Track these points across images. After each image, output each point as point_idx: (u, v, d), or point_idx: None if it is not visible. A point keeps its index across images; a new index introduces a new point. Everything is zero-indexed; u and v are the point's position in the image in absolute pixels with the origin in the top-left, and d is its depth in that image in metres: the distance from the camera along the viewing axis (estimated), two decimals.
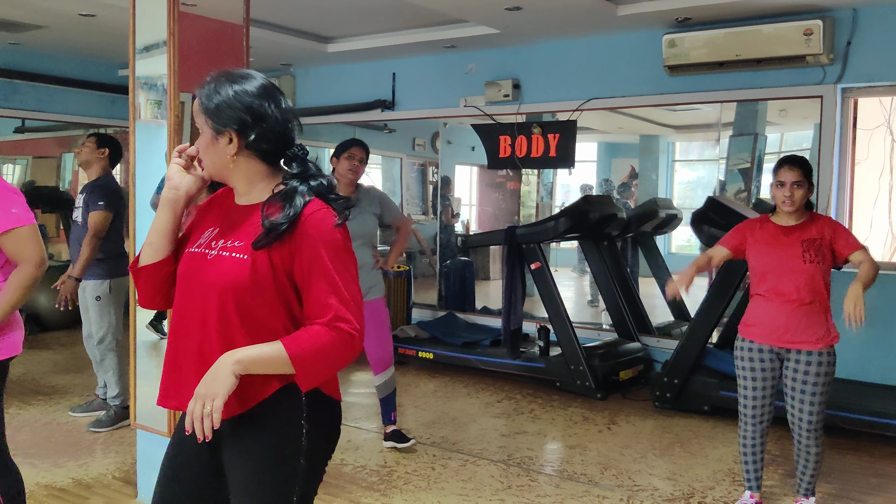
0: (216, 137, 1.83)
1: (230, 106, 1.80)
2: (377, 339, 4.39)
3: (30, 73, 7.75)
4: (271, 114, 1.82)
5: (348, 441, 4.64)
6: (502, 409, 5.35)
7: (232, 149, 1.82)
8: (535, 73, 6.58)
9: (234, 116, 1.80)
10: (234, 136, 1.81)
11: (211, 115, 1.82)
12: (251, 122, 1.80)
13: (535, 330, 6.12)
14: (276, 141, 1.84)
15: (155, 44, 3.60)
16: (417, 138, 10.51)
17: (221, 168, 1.86)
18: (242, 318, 1.79)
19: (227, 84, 1.82)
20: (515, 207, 9.42)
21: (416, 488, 3.93)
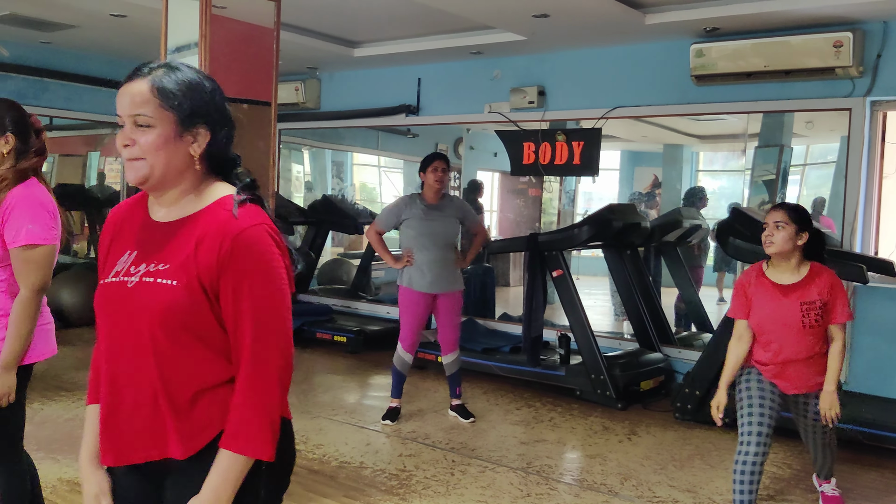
0: (181, 134, 1.60)
1: (205, 101, 1.62)
2: (450, 325, 5.15)
3: (59, 72, 7.84)
4: (230, 115, 1.68)
5: (367, 444, 4.65)
6: (521, 417, 5.34)
7: (197, 149, 1.62)
8: (561, 81, 6.58)
9: (208, 113, 1.62)
10: (205, 135, 1.62)
11: (179, 109, 1.58)
12: (223, 122, 1.64)
13: (555, 338, 6.11)
14: (230, 147, 1.69)
15: (186, 45, 3.64)
16: (440, 143, 10.53)
17: (173, 171, 1.62)
18: (182, 351, 1.59)
19: (197, 76, 1.63)
20: (537, 214, 9.41)
21: (434, 493, 3.93)
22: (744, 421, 3.37)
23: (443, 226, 5.03)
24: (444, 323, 5.14)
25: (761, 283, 3.45)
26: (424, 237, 5.01)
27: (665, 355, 6.05)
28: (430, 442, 4.73)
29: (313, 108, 8.12)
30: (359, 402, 5.77)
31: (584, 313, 5.71)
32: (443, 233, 5.03)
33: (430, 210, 5.03)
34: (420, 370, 6.49)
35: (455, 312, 5.15)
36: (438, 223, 5.02)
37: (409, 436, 4.85)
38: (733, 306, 3.54)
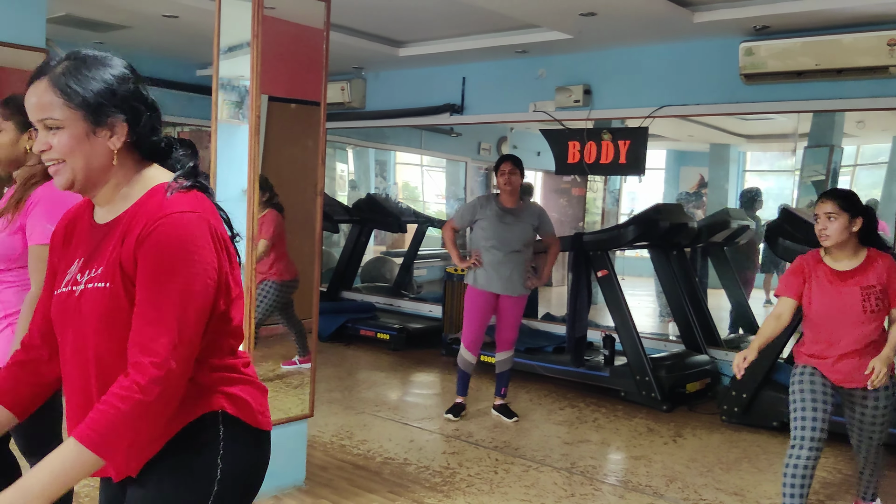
0: (94, 130, 1.48)
1: (114, 91, 1.49)
2: (509, 326, 5.15)
3: None
4: (151, 100, 1.57)
5: (411, 441, 4.68)
6: (565, 417, 5.33)
7: (116, 143, 1.51)
8: (607, 79, 6.54)
9: (121, 102, 1.50)
10: (123, 127, 1.51)
11: (84, 105, 1.47)
12: (140, 109, 1.52)
13: (599, 338, 6.08)
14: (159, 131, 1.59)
15: (238, 45, 3.68)
16: (483, 142, 10.54)
17: (98, 170, 1.52)
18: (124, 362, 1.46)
19: (97, 67, 1.50)
20: (580, 214, 9.37)
21: (478, 491, 3.94)
22: (796, 423, 3.30)
23: (516, 232, 5.00)
24: (503, 322, 5.14)
25: (820, 270, 3.36)
26: (495, 240, 5.00)
27: (711, 357, 5.98)
28: (474, 440, 4.74)
29: (358, 108, 8.18)
30: (402, 399, 5.81)
31: (630, 314, 5.68)
32: (514, 239, 4.99)
33: (505, 214, 5.01)
34: None
35: (516, 314, 5.13)
36: (511, 228, 5.00)
37: (453, 434, 4.86)
38: (784, 284, 3.43)
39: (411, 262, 8.82)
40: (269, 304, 4.91)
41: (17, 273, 2.61)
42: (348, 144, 10.43)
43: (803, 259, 3.44)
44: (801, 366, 3.43)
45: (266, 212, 4.58)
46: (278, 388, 4.03)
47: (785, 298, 3.41)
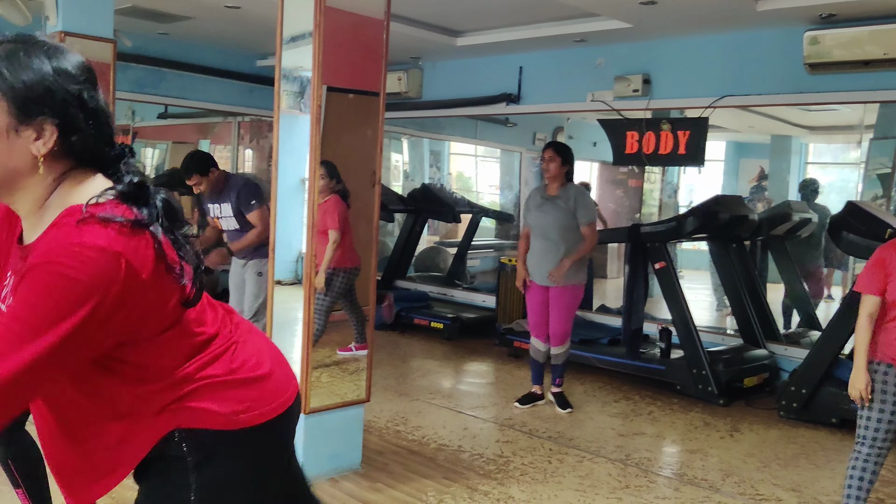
0: (17, 128, 1.27)
1: (51, 87, 1.27)
2: (557, 319, 5.06)
3: (175, 62, 8.18)
4: (101, 107, 1.35)
5: (465, 429, 4.71)
6: (620, 409, 5.30)
7: (41, 147, 1.29)
8: (667, 69, 6.45)
9: (56, 102, 1.28)
10: (52, 131, 1.29)
11: (12, 94, 1.26)
12: (82, 118, 1.31)
13: (655, 331, 6.02)
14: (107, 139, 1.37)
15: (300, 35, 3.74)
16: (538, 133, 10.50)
17: (12, 174, 1.30)
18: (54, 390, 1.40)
19: (40, 57, 1.28)
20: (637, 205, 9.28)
21: (532, 480, 3.95)
22: (863, 422, 3.18)
23: (550, 219, 4.96)
24: (551, 315, 5.08)
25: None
26: (536, 228, 5.04)
27: (770, 352, 5.88)
28: (527, 430, 4.75)
29: (415, 98, 8.21)
30: (455, 387, 5.84)
31: (687, 306, 5.61)
32: (551, 225, 4.95)
33: (546, 201, 5.02)
34: (516, 359, 6.52)
35: (564, 306, 5.04)
36: (548, 215, 4.98)
37: (506, 423, 4.88)
38: (867, 280, 3.18)
39: (465, 252, 8.85)
40: (335, 292, 4.92)
41: None
42: (403, 134, 10.49)
43: (885, 249, 3.22)
44: (877, 362, 3.21)
45: (329, 198, 4.63)
46: (335, 374, 4.08)
47: (870, 296, 3.18)
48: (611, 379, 5.98)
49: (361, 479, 3.83)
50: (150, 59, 7.97)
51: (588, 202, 5.07)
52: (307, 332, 3.66)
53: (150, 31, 7.60)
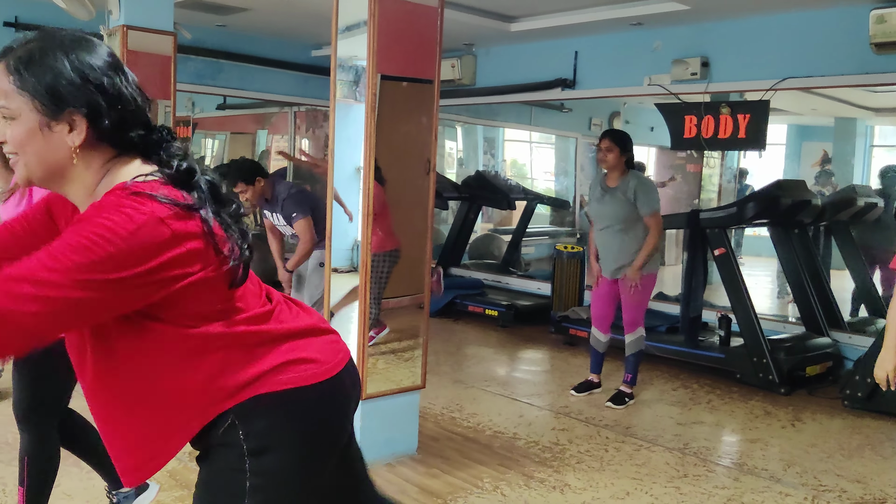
0: (49, 124, 1.33)
1: (72, 81, 1.31)
2: (628, 307, 4.94)
3: (233, 54, 8.31)
4: (128, 92, 1.37)
5: (520, 416, 4.71)
6: (678, 398, 5.24)
7: (76, 139, 1.34)
8: (726, 51, 6.31)
9: (82, 94, 1.32)
10: (81, 122, 1.33)
11: (38, 93, 1.31)
12: (104, 104, 1.34)
13: (715, 319, 5.92)
14: (140, 124, 1.40)
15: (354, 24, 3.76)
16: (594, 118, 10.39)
17: (55, 167, 1.36)
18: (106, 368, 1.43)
19: (61, 52, 1.32)
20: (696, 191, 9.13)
21: (588, 468, 3.94)
22: None
23: (612, 209, 4.82)
24: (623, 304, 4.96)
25: None
26: (597, 221, 4.96)
27: (834, 340, 5.73)
28: (584, 418, 4.73)
29: (469, 85, 8.20)
30: (510, 374, 5.83)
31: (747, 293, 5.50)
32: (612, 217, 4.83)
33: (605, 193, 4.90)
34: (571, 347, 6.48)
35: (634, 294, 4.89)
36: (608, 206, 4.85)
37: (562, 411, 4.86)
38: None
39: (520, 240, 8.82)
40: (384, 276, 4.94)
41: None
42: (457, 122, 10.49)
43: None
44: None
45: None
46: (390, 361, 4.12)
47: None
48: (669, 367, 5.91)
49: (417, 465, 3.87)
50: (209, 51, 8.10)
51: (649, 191, 4.85)
52: (363, 319, 3.70)
53: (208, 23, 7.73)
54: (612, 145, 4.83)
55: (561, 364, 6.07)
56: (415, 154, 3.96)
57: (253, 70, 8.57)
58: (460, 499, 3.51)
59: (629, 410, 4.91)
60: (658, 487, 3.73)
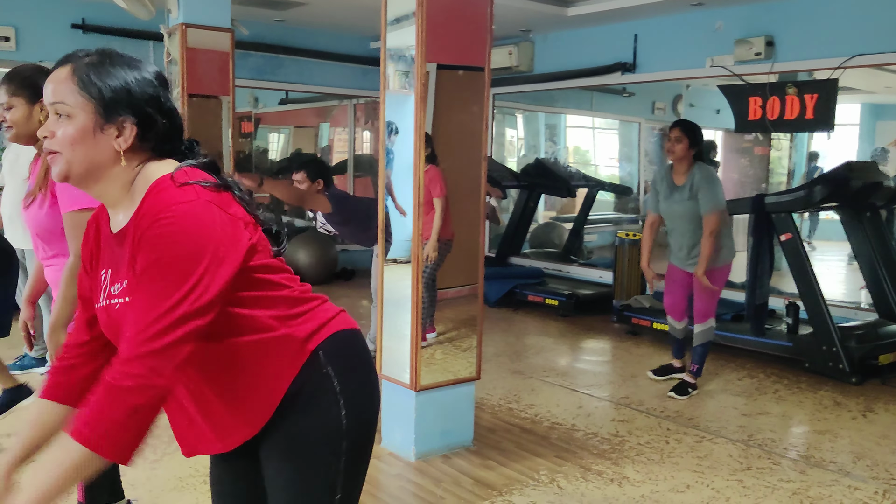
0: (102, 127, 1.44)
1: (131, 91, 1.46)
2: (699, 297, 4.82)
3: (292, 48, 8.40)
4: (170, 107, 1.53)
5: (579, 407, 4.64)
6: (743, 388, 5.10)
7: (122, 143, 1.46)
8: (792, 29, 6.09)
9: (136, 104, 1.46)
10: (131, 128, 1.46)
11: (99, 98, 1.43)
12: (154, 114, 1.48)
13: (782, 306, 5.74)
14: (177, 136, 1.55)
15: (405, 16, 3.74)
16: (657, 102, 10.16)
17: (97, 167, 1.47)
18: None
19: (122, 67, 1.47)
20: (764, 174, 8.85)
21: (648, 460, 3.86)
22: None
23: (680, 207, 4.70)
24: (695, 294, 4.86)
25: None
26: (668, 220, 4.86)
27: None
28: (644, 409, 4.64)
29: (526, 72, 8.11)
30: (570, 365, 5.76)
31: (816, 280, 5.31)
32: (680, 213, 4.72)
33: (672, 191, 4.76)
34: (633, 336, 6.38)
35: (702, 287, 4.74)
36: (676, 206, 4.72)
37: (622, 401, 4.78)
38: None
39: (581, 227, 8.70)
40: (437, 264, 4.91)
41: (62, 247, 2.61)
42: (518, 109, 10.39)
43: None
44: None
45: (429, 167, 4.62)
46: (447, 351, 4.11)
47: None
48: (734, 356, 5.75)
49: (473, 456, 3.85)
50: (268, 47, 8.21)
51: (713, 186, 4.65)
52: (416, 309, 3.69)
53: (267, 18, 7.83)
54: (682, 136, 4.67)
55: (622, 354, 5.98)
56: (467, 143, 3.93)
57: (312, 64, 8.65)
58: (516, 491, 3.48)
59: (692, 401, 4.79)
60: (720, 480, 3.64)
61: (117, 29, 7.26)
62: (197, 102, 5.78)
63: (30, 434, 1.57)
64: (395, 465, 3.75)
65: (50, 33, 7.04)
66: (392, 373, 3.85)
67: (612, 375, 5.44)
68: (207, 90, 5.82)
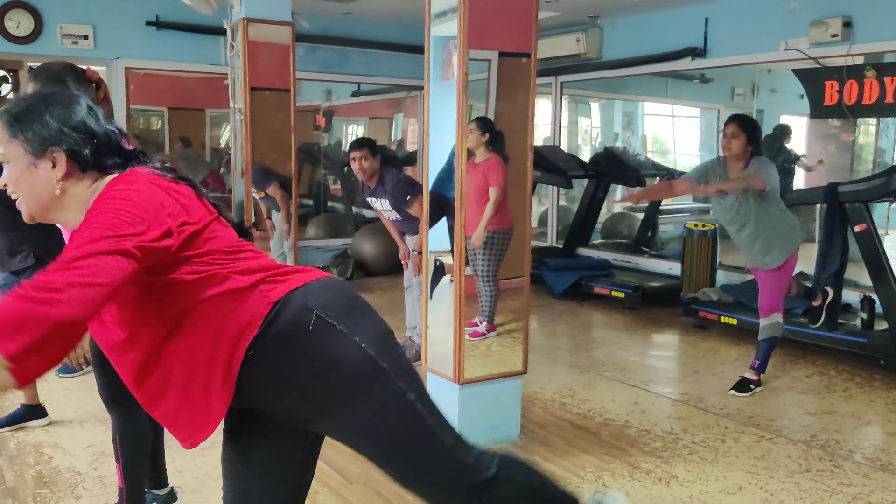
0: (35, 163, 1.61)
1: (51, 127, 1.61)
2: (763, 292, 4.64)
3: (359, 41, 8.45)
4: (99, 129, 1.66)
5: (635, 403, 4.52)
6: (811, 385, 4.87)
7: (58, 173, 1.61)
8: (871, 8, 5.75)
9: (61, 136, 1.61)
10: (61, 157, 1.61)
11: (24, 140, 1.60)
12: (82, 139, 1.63)
13: (857, 300, 5.46)
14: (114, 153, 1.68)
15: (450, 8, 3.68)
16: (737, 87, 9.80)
17: (47, 199, 1.63)
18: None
19: (44, 107, 1.62)
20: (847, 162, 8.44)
21: (701, 459, 3.72)
22: None
23: (736, 205, 4.45)
24: (760, 287, 4.68)
25: None
26: (724, 221, 4.62)
27: None
28: (703, 406, 4.48)
29: (595, 58, 7.94)
30: (630, 359, 5.60)
31: (892, 273, 5.02)
32: (736, 211, 4.47)
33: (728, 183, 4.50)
34: (701, 330, 6.18)
35: (768, 281, 4.59)
36: (730, 207, 4.47)
37: (682, 398, 4.63)
38: None
39: (652, 218, 8.48)
40: (499, 256, 4.83)
41: None
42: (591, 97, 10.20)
43: None
44: None
45: (489, 156, 4.57)
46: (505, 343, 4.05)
47: None
48: (805, 352, 5.50)
49: (518, 452, 3.78)
50: (335, 40, 8.28)
51: (765, 166, 4.42)
52: (459, 301, 3.65)
53: (333, 11, 7.89)
54: (739, 131, 4.41)
55: (687, 349, 5.80)
56: (512, 131, 3.86)
57: (379, 56, 8.68)
58: None
59: (754, 399, 4.60)
60: (775, 482, 3.48)
61: (189, 25, 7.45)
62: (259, 96, 5.88)
63: None
64: None
65: (126, 31, 7.28)
66: (436, 365, 3.83)
67: (674, 371, 5.28)
68: (269, 84, 5.92)
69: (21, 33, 6.92)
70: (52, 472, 3.52)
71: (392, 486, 3.38)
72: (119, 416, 2.76)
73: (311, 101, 10.19)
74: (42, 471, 3.53)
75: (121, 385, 2.71)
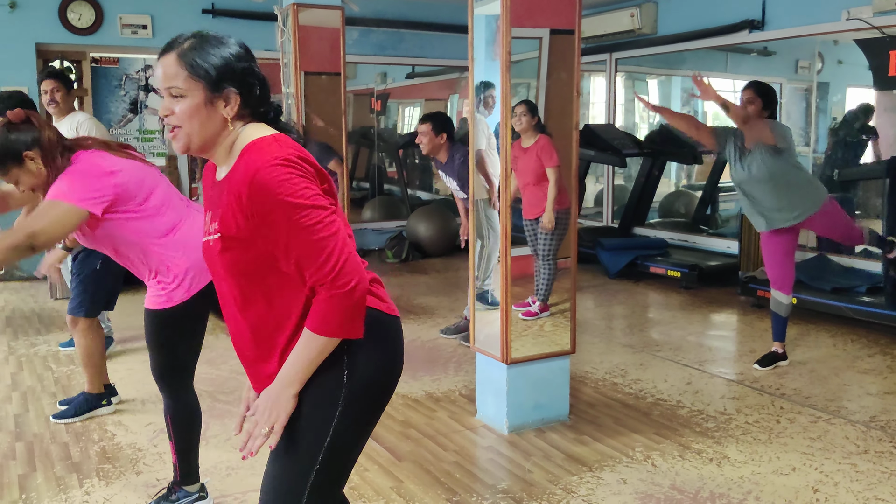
0: (211, 100, 1.70)
1: (230, 66, 1.70)
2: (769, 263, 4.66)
3: (412, 22, 8.46)
4: (262, 76, 1.76)
5: (688, 384, 4.47)
6: (873, 365, 4.73)
7: (230, 112, 1.71)
8: None
9: (235, 77, 1.71)
10: (236, 98, 1.71)
11: (204, 76, 1.68)
12: (252, 83, 1.74)
13: None
14: (268, 101, 1.79)
15: None
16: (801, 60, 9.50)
17: (211, 134, 1.73)
18: (254, 295, 1.74)
19: (217, 46, 1.71)
20: None
21: (754, 440, 3.66)
22: None
23: (757, 171, 4.36)
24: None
25: None
26: (743, 187, 4.50)
27: None
28: (759, 386, 4.40)
29: (650, 34, 7.79)
30: (685, 339, 5.51)
31: None
32: (759, 178, 4.37)
33: (744, 154, 4.43)
34: (759, 309, 6.05)
35: (774, 251, 4.57)
36: (750, 169, 4.39)
37: (736, 378, 4.56)
38: None
39: (710, 195, 8.32)
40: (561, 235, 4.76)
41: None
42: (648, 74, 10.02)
43: None
44: None
45: (539, 137, 4.55)
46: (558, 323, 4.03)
47: None
48: (867, 331, 5.35)
49: (568, 431, 3.79)
50: (389, 22, 8.31)
51: (780, 128, 4.36)
52: (506, 282, 3.65)
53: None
54: (755, 97, 4.40)
55: (744, 328, 5.70)
56: (558, 111, 3.83)
57: (432, 37, 8.69)
58: (607, 468, 3.40)
59: (812, 378, 4.50)
60: (830, 464, 3.40)
61: (243, 12, 7.57)
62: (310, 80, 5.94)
63: None
64: (488, 437, 3.75)
65: (183, 20, 7.42)
66: (485, 346, 3.84)
67: (731, 351, 5.20)
68: (319, 67, 5.96)
69: (83, 25, 7.12)
70: (115, 449, 3.65)
71: (440, 463, 3.44)
72: (169, 396, 2.86)
73: (367, 84, 10.26)
74: (105, 447, 3.67)
75: (171, 361, 2.83)
